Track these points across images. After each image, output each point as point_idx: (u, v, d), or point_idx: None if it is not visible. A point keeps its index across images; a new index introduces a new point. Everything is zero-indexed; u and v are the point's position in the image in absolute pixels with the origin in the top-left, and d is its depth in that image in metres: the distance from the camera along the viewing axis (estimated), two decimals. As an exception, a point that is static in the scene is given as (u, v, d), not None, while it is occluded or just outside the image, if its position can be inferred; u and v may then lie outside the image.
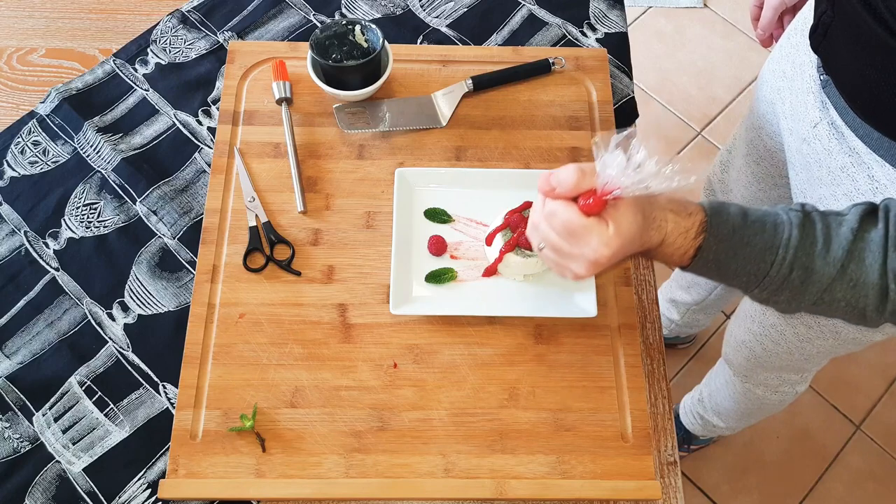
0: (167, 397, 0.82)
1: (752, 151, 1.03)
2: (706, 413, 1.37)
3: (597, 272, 0.63)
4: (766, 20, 0.93)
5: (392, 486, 0.76)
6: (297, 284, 0.85)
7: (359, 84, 0.92)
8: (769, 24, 0.94)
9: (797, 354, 1.00)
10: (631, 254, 0.63)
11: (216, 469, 0.76)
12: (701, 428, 1.45)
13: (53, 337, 0.85)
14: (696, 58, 2.11)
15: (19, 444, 0.80)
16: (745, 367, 1.11)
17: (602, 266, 0.62)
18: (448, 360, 0.81)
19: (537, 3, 1.08)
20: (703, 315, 1.55)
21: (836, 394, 1.67)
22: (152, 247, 0.90)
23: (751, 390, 1.15)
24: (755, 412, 1.24)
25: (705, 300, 1.44)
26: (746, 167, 1.06)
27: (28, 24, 1.07)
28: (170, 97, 0.99)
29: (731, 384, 1.20)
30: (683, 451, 1.58)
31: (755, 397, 1.16)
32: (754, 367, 1.09)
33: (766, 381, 1.11)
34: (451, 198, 0.89)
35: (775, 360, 1.04)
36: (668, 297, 1.50)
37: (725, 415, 1.32)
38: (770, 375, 1.10)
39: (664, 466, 0.81)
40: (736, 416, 1.29)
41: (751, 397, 1.17)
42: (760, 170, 1.03)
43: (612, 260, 0.61)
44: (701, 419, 1.41)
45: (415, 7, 1.07)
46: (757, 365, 1.08)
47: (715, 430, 1.43)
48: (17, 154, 0.95)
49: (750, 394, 1.16)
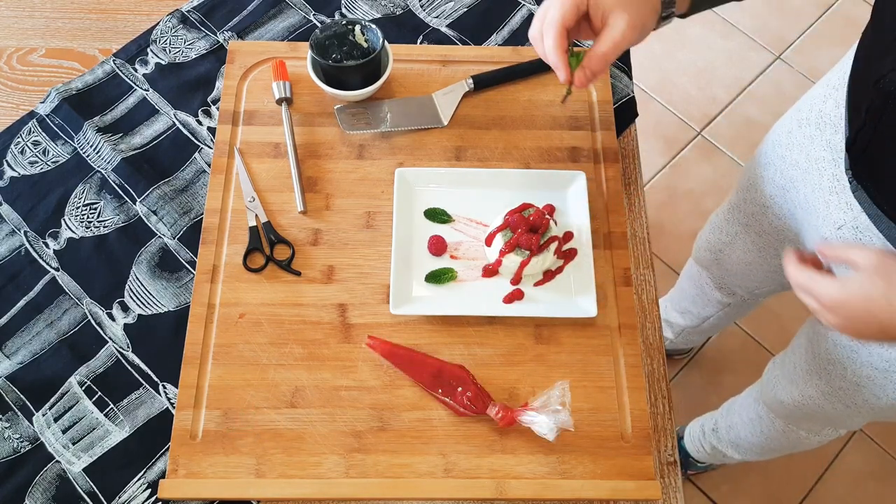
0: (167, 397, 0.82)
1: (754, 224, 1.00)
2: (720, 444, 1.34)
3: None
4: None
5: (392, 486, 0.76)
6: (297, 284, 0.85)
7: (359, 84, 0.92)
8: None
9: (838, 422, 1.00)
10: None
11: (216, 469, 0.76)
12: (709, 456, 1.42)
13: (53, 337, 0.85)
14: (696, 58, 2.11)
15: (19, 444, 0.80)
16: (788, 417, 1.09)
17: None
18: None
19: (537, 3, 1.08)
20: (698, 336, 1.54)
21: (836, 394, 1.67)
22: (152, 247, 0.90)
23: (794, 431, 1.12)
24: (785, 449, 1.20)
25: (699, 326, 1.44)
26: (746, 236, 1.04)
27: (28, 24, 1.07)
28: (170, 97, 0.99)
29: (765, 421, 1.16)
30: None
31: (795, 437, 1.13)
32: (797, 420, 1.08)
33: (810, 427, 1.09)
34: (451, 198, 0.89)
35: (815, 420, 1.04)
36: (664, 317, 1.49)
37: (746, 448, 1.27)
38: (813, 425, 1.08)
39: (664, 466, 0.81)
40: (760, 450, 1.25)
41: (790, 437, 1.14)
42: (762, 241, 1.01)
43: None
44: (712, 449, 1.38)
45: (415, 7, 1.07)
46: (798, 419, 1.07)
47: (724, 460, 1.41)
48: (17, 154, 0.95)
49: (791, 434, 1.13)
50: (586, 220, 0.87)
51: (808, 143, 0.83)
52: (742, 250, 1.07)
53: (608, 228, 0.89)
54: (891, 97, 0.62)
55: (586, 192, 0.88)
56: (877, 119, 0.65)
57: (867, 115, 0.67)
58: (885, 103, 0.63)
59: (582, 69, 0.68)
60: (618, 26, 0.67)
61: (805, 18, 2.20)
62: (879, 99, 0.63)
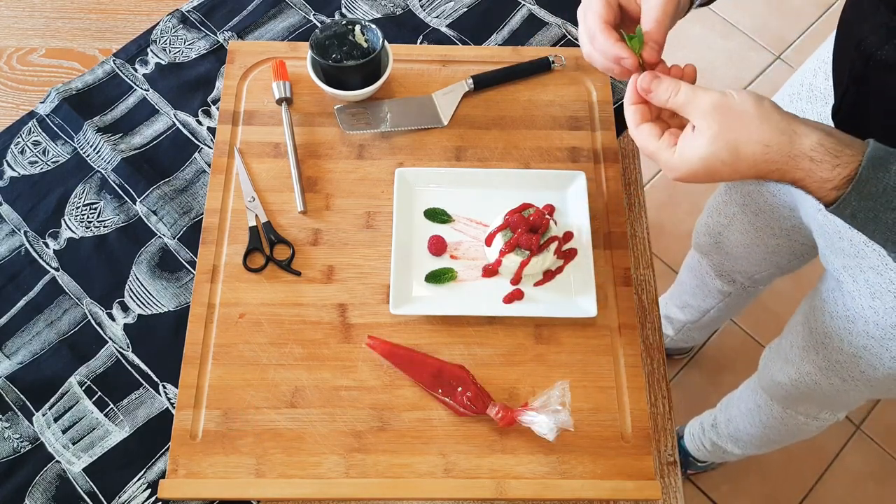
0: (167, 397, 0.82)
1: (750, 203, 1.01)
2: (720, 440, 1.34)
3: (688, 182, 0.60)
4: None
5: (392, 486, 0.76)
6: (297, 284, 0.85)
7: (359, 84, 0.92)
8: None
9: (834, 400, 1.00)
10: (741, 179, 0.58)
11: (216, 469, 0.76)
12: (710, 454, 1.43)
13: (53, 337, 0.85)
14: (696, 58, 2.10)
15: (19, 444, 0.80)
16: (785, 400, 1.09)
17: (687, 181, 0.59)
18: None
19: (537, 3, 1.08)
20: (699, 332, 1.54)
21: (836, 394, 1.67)
22: (152, 247, 0.90)
23: (792, 416, 1.12)
24: (785, 438, 1.20)
25: (699, 320, 1.44)
26: (744, 216, 1.05)
27: (28, 24, 1.07)
28: (170, 97, 0.99)
29: (763, 410, 1.16)
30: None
31: (794, 424, 1.13)
32: (794, 402, 1.08)
33: (807, 411, 1.10)
34: (451, 198, 0.89)
35: (812, 400, 1.04)
36: (664, 314, 1.49)
37: (746, 441, 1.28)
38: (810, 407, 1.08)
39: (664, 466, 0.81)
40: (759, 442, 1.25)
41: (789, 423, 1.14)
42: (759, 220, 1.02)
43: (690, 180, 0.58)
44: (712, 445, 1.38)
45: (415, 7, 1.07)
46: (795, 401, 1.07)
47: (725, 457, 1.41)
48: (17, 154, 0.95)
49: (789, 420, 1.13)
50: (586, 220, 0.87)
51: (799, 116, 0.84)
52: (740, 231, 1.07)
53: (608, 228, 0.89)
54: (871, 59, 0.61)
55: (586, 192, 0.88)
56: (859, 82, 0.65)
57: (849, 80, 0.66)
58: (866, 65, 0.62)
59: (646, 45, 0.64)
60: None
61: (805, 18, 2.20)
62: (860, 61, 0.63)
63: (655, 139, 0.61)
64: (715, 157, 0.56)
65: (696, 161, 0.57)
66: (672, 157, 0.59)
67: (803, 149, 0.54)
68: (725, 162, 0.56)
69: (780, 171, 0.55)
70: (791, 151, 0.55)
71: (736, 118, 0.56)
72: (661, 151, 0.60)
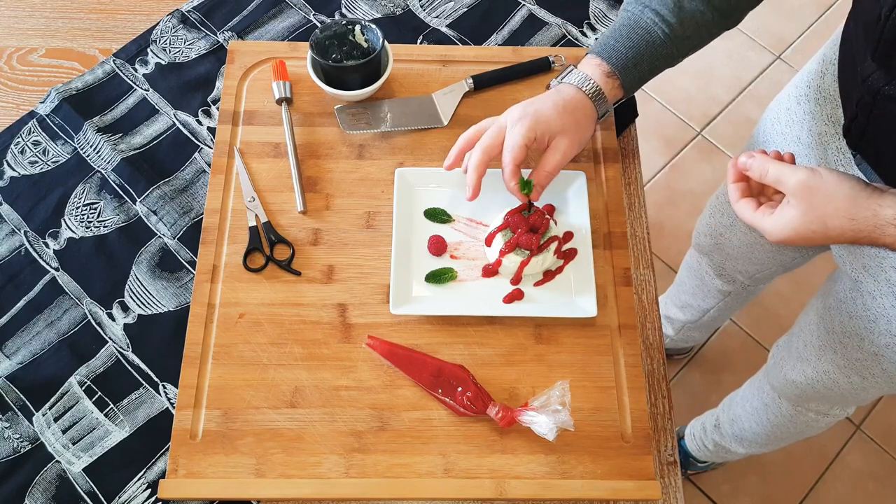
0: (167, 397, 0.82)
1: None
2: (723, 440, 1.34)
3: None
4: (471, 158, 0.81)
5: (392, 486, 0.76)
6: (297, 284, 0.85)
7: (359, 84, 0.92)
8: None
9: (850, 398, 1.00)
10: (835, 243, 0.67)
11: (216, 469, 0.76)
12: (712, 455, 1.42)
13: (53, 337, 0.85)
14: (695, 58, 2.10)
15: (19, 444, 0.80)
16: (797, 398, 1.09)
17: (785, 244, 0.68)
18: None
19: (537, 3, 1.08)
20: (699, 332, 1.54)
21: (836, 394, 1.67)
22: (152, 247, 0.90)
23: (802, 413, 1.12)
24: (793, 436, 1.20)
25: (699, 320, 1.43)
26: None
27: (28, 24, 1.08)
28: (170, 97, 0.99)
29: (771, 408, 1.16)
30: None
31: (803, 421, 1.13)
32: (807, 399, 1.07)
33: (818, 408, 1.09)
34: (451, 198, 0.89)
35: (828, 399, 1.03)
36: (664, 314, 1.49)
37: (751, 440, 1.27)
38: (822, 404, 1.08)
39: (664, 466, 0.81)
40: (765, 441, 1.24)
41: (798, 421, 1.13)
42: None
43: (788, 244, 0.67)
44: (715, 445, 1.38)
45: (415, 7, 1.07)
46: (809, 398, 1.07)
47: (727, 457, 1.40)
48: (17, 154, 0.95)
49: (799, 417, 1.13)
50: (586, 220, 0.87)
51: (809, 118, 0.85)
52: (743, 231, 1.07)
53: (608, 228, 0.89)
54: (878, 94, 0.65)
55: (586, 192, 0.88)
56: (868, 113, 0.68)
57: (858, 109, 0.70)
58: (874, 100, 0.66)
59: (535, 188, 0.79)
60: (560, 148, 0.78)
61: (805, 18, 2.20)
62: (869, 95, 0.66)
63: (751, 210, 0.69)
64: (806, 227, 0.64)
65: (790, 230, 0.65)
66: (769, 225, 0.67)
67: (888, 218, 0.60)
68: (816, 231, 0.64)
69: (870, 238, 0.62)
70: (876, 222, 0.61)
71: (822, 197, 0.63)
72: (758, 220, 0.68)
